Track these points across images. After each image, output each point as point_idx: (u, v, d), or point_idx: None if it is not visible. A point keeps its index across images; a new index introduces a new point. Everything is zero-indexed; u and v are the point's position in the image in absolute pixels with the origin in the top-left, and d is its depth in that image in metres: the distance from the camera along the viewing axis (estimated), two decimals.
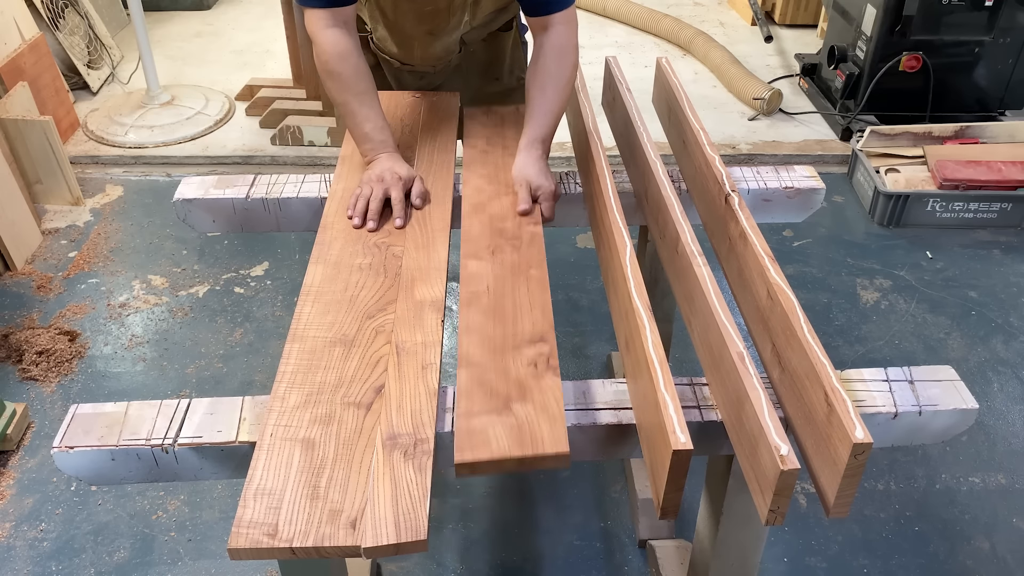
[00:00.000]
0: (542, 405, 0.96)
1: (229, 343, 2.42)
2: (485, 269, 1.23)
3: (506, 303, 1.15)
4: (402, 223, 1.41)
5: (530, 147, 1.48)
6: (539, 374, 1.01)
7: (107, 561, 1.82)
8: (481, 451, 0.90)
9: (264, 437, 1.04)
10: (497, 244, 1.32)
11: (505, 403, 0.97)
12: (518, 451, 0.89)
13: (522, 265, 1.24)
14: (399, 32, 1.69)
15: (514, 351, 1.06)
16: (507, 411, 0.95)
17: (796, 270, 2.75)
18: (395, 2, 1.61)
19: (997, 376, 2.33)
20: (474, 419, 0.94)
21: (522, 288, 1.18)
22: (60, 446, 1.08)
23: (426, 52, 1.73)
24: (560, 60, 1.51)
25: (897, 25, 3.21)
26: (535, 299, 1.16)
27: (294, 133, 3.36)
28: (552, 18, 1.50)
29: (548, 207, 1.44)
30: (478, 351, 1.05)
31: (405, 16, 1.63)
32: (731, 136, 3.51)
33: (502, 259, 1.26)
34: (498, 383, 1.00)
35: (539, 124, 1.49)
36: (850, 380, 1.16)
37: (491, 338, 1.08)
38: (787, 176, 1.65)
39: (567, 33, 1.52)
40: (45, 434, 2.12)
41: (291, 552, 0.92)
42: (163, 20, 4.61)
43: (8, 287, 2.61)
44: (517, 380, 1.00)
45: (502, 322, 1.11)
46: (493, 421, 0.94)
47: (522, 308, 1.14)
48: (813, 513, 1.94)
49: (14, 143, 2.83)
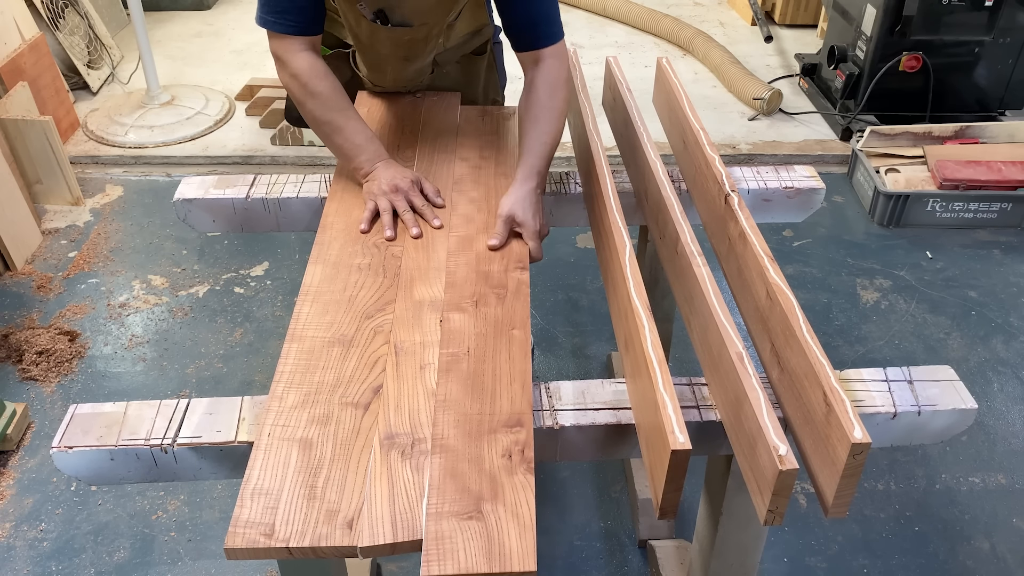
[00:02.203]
0: (513, 510, 0.95)
1: (229, 343, 2.42)
2: (467, 325, 1.21)
3: (486, 371, 1.13)
4: (439, 223, 1.41)
5: (526, 180, 1.43)
6: (513, 468, 1.00)
7: (107, 561, 1.82)
8: (449, 564, 0.90)
9: (262, 437, 1.03)
10: (481, 293, 1.27)
11: (476, 503, 0.96)
12: (485, 566, 0.90)
13: (505, 323, 1.22)
14: (373, 55, 1.66)
15: (490, 435, 1.04)
16: (478, 514, 0.94)
17: (796, 270, 2.75)
18: (372, 29, 1.57)
19: (997, 376, 2.33)
20: (444, 521, 0.94)
21: (503, 353, 1.16)
22: (59, 446, 1.08)
23: (399, 75, 1.72)
24: (553, 94, 1.48)
25: (897, 25, 3.21)
26: (515, 368, 1.14)
27: (294, 133, 3.36)
28: (542, 52, 1.48)
29: (535, 247, 1.39)
30: (453, 432, 1.04)
31: (382, 43, 1.61)
32: (731, 136, 3.51)
33: (485, 313, 1.23)
34: (471, 477, 0.99)
35: (536, 155, 1.45)
36: (849, 380, 1.16)
37: (468, 417, 1.06)
38: (787, 176, 1.65)
39: (558, 67, 1.49)
40: (45, 434, 2.12)
41: (288, 552, 0.92)
42: (163, 20, 4.61)
43: (8, 287, 2.62)
44: (490, 474, 0.99)
45: (479, 397, 1.09)
46: (463, 527, 0.93)
47: (502, 380, 1.12)
48: (813, 513, 1.94)
49: (14, 143, 2.83)
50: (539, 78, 1.49)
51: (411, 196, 1.43)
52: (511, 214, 1.39)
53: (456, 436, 1.04)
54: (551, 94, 1.48)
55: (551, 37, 1.49)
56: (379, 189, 1.44)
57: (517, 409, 1.08)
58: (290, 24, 1.43)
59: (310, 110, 1.48)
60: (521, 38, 1.49)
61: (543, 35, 1.48)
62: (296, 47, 1.44)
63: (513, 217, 1.39)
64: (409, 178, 1.45)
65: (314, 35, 1.47)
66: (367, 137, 1.48)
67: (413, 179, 1.46)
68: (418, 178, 1.47)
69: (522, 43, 1.50)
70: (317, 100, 1.46)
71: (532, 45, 1.49)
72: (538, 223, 1.40)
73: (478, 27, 1.71)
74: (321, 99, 1.46)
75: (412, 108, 1.76)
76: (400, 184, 1.43)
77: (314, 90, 1.45)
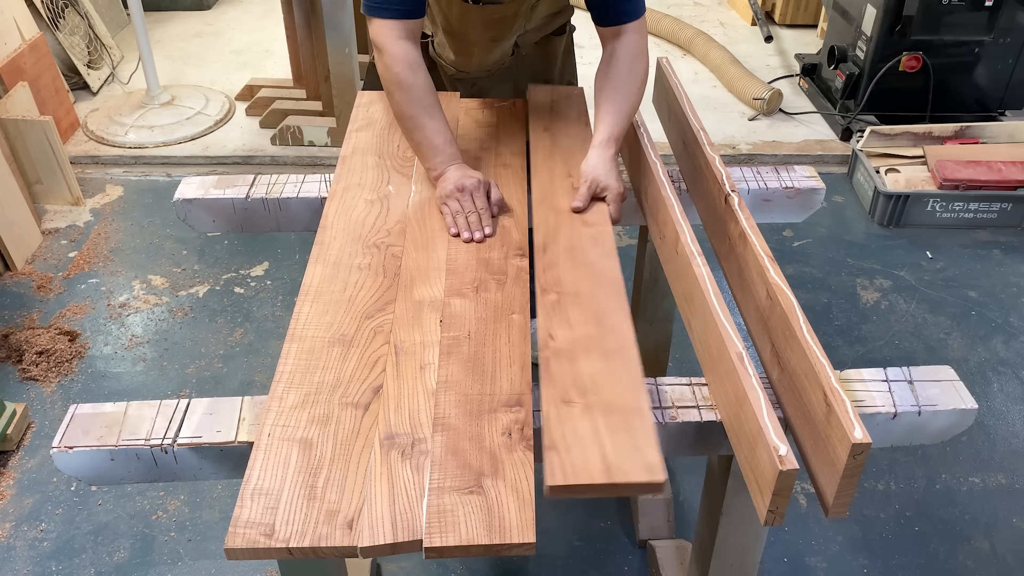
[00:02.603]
0: (513, 485, 0.97)
1: (229, 343, 2.42)
2: (468, 310, 1.22)
3: (486, 354, 1.15)
4: (491, 231, 1.40)
5: (604, 145, 1.46)
6: (512, 446, 1.02)
7: (107, 561, 1.82)
8: (451, 536, 0.91)
9: (262, 437, 1.03)
10: (482, 279, 1.29)
11: (477, 479, 0.97)
12: (486, 539, 0.91)
13: (505, 308, 1.23)
14: (461, 39, 1.69)
15: (490, 414, 1.06)
16: (479, 489, 0.96)
17: (796, 270, 2.74)
18: (462, 10, 1.60)
19: (997, 376, 2.33)
20: (445, 496, 0.95)
21: (503, 336, 1.18)
22: (59, 446, 1.08)
23: (484, 59, 1.74)
24: (633, 66, 1.52)
25: (897, 25, 3.21)
26: (515, 351, 1.15)
27: (294, 133, 3.36)
28: (625, 27, 1.52)
29: (615, 208, 1.43)
30: (455, 411, 1.06)
31: (472, 23, 1.63)
32: (731, 136, 3.51)
33: (486, 298, 1.25)
34: (472, 454, 1.00)
35: (614, 122, 1.48)
36: (849, 380, 1.16)
37: (468, 397, 1.08)
38: (787, 176, 1.65)
39: (639, 40, 1.53)
40: (45, 434, 2.12)
41: (288, 552, 0.92)
42: (163, 20, 4.61)
43: (8, 287, 2.62)
44: (491, 451, 1.01)
45: (480, 378, 1.11)
46: (464, 501, 0.95)
47: (501, 362, 1.14)
48: (813, 513, 1.94)
49: (14, 143, 2.83)
50: (620, 49, 1.52)
51: (475, 198, 1.43)
52: (594, 178, 1.43)
53: (457, 415, 1.06)
54: (632, 65, 1.51)
55: (635, 12, 1.52)
56: (446, 191, 1.44)
57: (516, 390, 1.10)
58: (395, 9, 1.45)
59: (397, 101, 1.49)
60: (606, 13, 1.52)
61: (628, 11, 1.51)
62: (396, 34, 1.46)
63: (597, 181, 1.43)
64: (476, 178, 1.45)
65: (416, 18, 1.48)
66: (446, 139, 1.48)
67: (479, 179, 1.46)
68: (486, 181, 1.47)
69: (607, 17, 1.53)
70: (406, 93, 1.47)
71: (616, 20, 1.52)
72: (620, 186, 1.45)
73: (559, 7, 1.74)
74: (410, 92, 1.47)
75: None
76: (465, 183, 1.44)
77: (406, 82, 1.46)
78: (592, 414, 1.02)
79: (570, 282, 1.23)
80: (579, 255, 1.29)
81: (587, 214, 1.40)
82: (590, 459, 0.96)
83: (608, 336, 1.13)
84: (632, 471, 0.94)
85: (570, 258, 1.28)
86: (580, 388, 1.05)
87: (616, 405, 1.03)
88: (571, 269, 1.25)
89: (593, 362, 1.09)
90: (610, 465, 0.95)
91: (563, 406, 1.03)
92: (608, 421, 1.00)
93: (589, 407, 1.03)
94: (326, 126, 3.33)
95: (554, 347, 1.12)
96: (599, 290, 1.21)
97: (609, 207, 1.43)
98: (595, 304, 1.19)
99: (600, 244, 1.32)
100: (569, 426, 1.00)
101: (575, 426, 1.00)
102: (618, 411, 1.02)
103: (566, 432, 0.99)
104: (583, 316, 1.17)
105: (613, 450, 0.97)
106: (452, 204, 1.43)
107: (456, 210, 1.42)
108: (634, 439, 0.98)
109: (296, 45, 3.46)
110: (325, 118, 3.36)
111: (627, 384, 1.06)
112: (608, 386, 1.06)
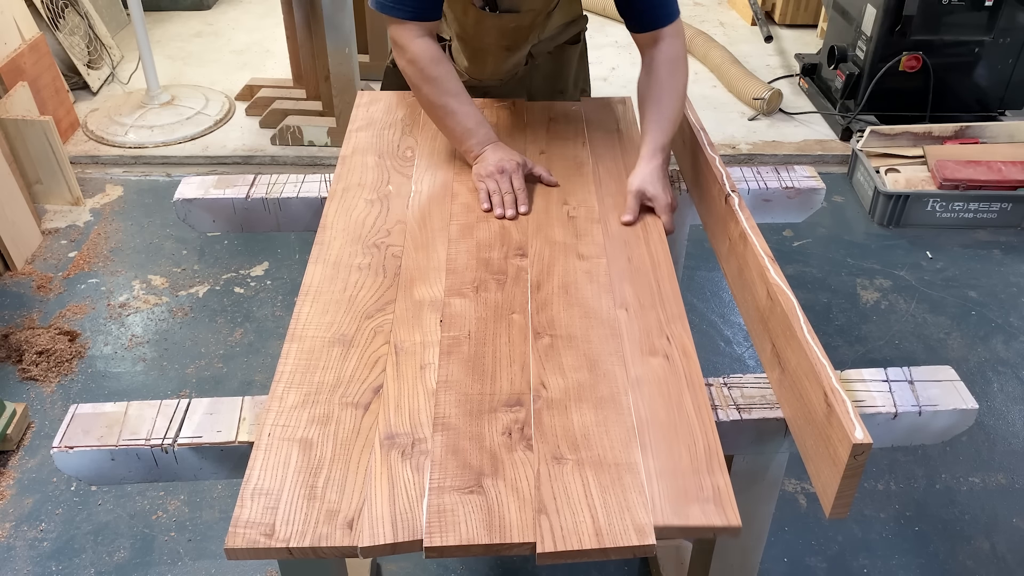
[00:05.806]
0: (513, 484, 0.97)
1: (229, 343, 2.42)
2: (468, 310, 1.23)
3: (486, 353, 1.15)
4: (527, 209, 1.43)
5: (652, 156, 1.46)
6: (512, 445, 1.02)
7: (107, 561, 1.82)
8: (451, 536, 0.91)
9: (262, 437, 1.03)
10: (482, 279, 1.29)
11: (477, 478, 0.97)
12: (486, 538, 0.91)
13: (505, 307, 1.23)
14: (475, 47, 1.69)
15: (490, 414, 1.06)
16: (479, 489, 0.96)
17: (796, 270, 2.74)
18: (478, 18, 1.61)
19: (997, 376, 2.33)
20: (445, 496, 0.95)
21: (503, 336, 1.18)
22: (60, 446, 1.08)
23: (498, 67, 1.74)
24: (674, 71, 1.50)
25: (897, 25, 3.21)
26: (515, 351, 1.16)
27: (294, 133, 3.36)
28: (662, 32, 1.49)
29: (668, 220, 1.43)
30: (455, 411, 1.06)
31: (487, 32, 1.64)
32: (731, 136, 3.51)
33: (486, 298, 1.25)
34: (472, 453, 1.00)
35: (661, 131, 1.47)
36: (850, 380, 1.16)
37: (468, 397, 1.08)
38: (787, 176, 1.65)
39: (677, 45, 1.51)
40: (45, 434, 2.12)
41: (288, 552, 0.92)
42: (163, 20, 4.61)
43: (8, 287, 2.61)
44: (491, 451, 1.01)
45: (480, 378, 1.11)
46: (464, 500, 0.95)
47: (501, 362, 1.14)
48: (813, 513, 1.94)
49: (14, 143, 2.83)
50: (659, 56, 1.50)
51: (513, 178, 1.45)
52: (641, 189, 1.43)
53: (457, 415, 1.06)
54: (672, 73, 1.50)
55: (670, 16, 1.50)
56: (485, 171, 1.46)
57: (516, 389, 1.10)
58: (408, 10, 1.45)
59: (426, 94, 1.50)
60: (642, 19, 1.50)
61: (663, 15, 1.49)
62: (414, 33, 1.47)
63: (644, 192, 1.43)
64: (516, 160, 1.46)
65: (432, 20, 1.48)
66: (478, 121, 1.51)
67: (520, 161, 1.47)
68: (525, 161, 1.49)
69: (643, 24, 1.50)
70: (433, 85, 1.48)
71: (653, 25, 1.49)
72: (669, 196, 1.44)
73: (573, 17, 1.74)
74: (437, 84, 1.48)
75: None
76: (506, 165, 1.45)
77: (430, 75, 1.48)
78: (583, 471, 0.99)
79: (563, 324, 1.21)
80: (573, 293, 1.26)
81: (582, 246, 1.37)
82: (580, 523, 0.93)
83: (601, 382, 1.12)
84: (622, 535, 0.92)
85: (564, 297, 1.26)
86: (571, 442, 1.03)
87: (607, 460, 1.01)
88: (564, 309, 1.24)
89: (585, 413, 1.07)
90: (600, 529, 0.93)
91: (554, 464, 1.00)
92: (599, 479, 0.98)
93: (580, 463, 1.00)
94: (326, 126, 3.33)
95: (546, 397, 1.09)
96: (592, 332, 1.19)
97: (661, 218, 1.43)
98: (589, 348, 1.17)
99: (594, 280, 1.29)
100: (560, 485, 0.98)
101: (565, 485, 0.98)
102: (610, 466, 1.00)
103: (556, 493, 0.97)
104: (576, 361, 1.15)
105: (604, 512, 0.95)
106: (490, 183, 1.44)
107: (493, 189, 1.43)
108: (625, 498, 0.96)
109: (296, 45, 3.46)
110: (325, 118, 3.36)
111: (619, 436, 1.04)
112: (600, 439, 1.04)
